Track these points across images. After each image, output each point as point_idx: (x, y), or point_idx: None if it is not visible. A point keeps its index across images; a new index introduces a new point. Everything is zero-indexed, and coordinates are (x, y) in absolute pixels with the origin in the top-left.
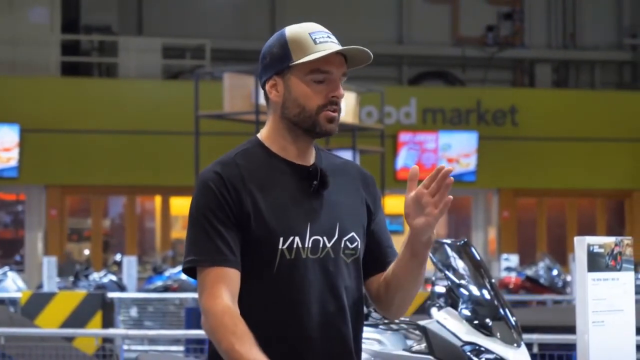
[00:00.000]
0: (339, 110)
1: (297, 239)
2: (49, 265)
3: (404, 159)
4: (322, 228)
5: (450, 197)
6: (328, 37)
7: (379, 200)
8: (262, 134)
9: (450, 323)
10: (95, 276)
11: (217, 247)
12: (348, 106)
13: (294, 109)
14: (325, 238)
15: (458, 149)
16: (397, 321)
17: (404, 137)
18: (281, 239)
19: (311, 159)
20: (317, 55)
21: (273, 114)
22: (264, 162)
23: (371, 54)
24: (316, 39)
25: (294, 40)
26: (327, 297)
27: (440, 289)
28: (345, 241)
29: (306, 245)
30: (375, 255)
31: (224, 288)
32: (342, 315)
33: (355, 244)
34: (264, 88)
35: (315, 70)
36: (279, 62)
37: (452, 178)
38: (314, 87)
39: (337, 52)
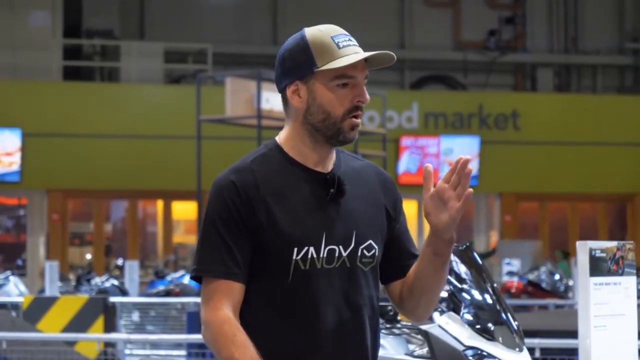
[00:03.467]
0: (361, 117)
1: (311, 249)
2: (50, 269)
3: (405, 164)
4: (338, 237)
5: (471, 190)
6: (349, 39)
7: (400, 203)
8: (280, 138)
9: (452, 327)
10: (97, 280)
11: (223, 259)
12: None
13: (319, 115)
14: (341, 247)
15: (460, 153)
16: (399, 326)
17: (405, 141)
18: (295, 250)
19: (330, 164)
20: (345, 62)
21: (294, 119)
22: (281, 169)
23: (394, 56)
24: (339, 42)
25: (316, 45)
26: (343, 308)
27: (442, 293)
28: (362, 249)
29: (321, 255)
30: (398, 260)
31: (226, 301)
32: (359, 326)
33: (373, 251)
34: (282, 92)
35: (341, 75)
36: (302, 67)
37: (471, 167)
38: (340, 93)
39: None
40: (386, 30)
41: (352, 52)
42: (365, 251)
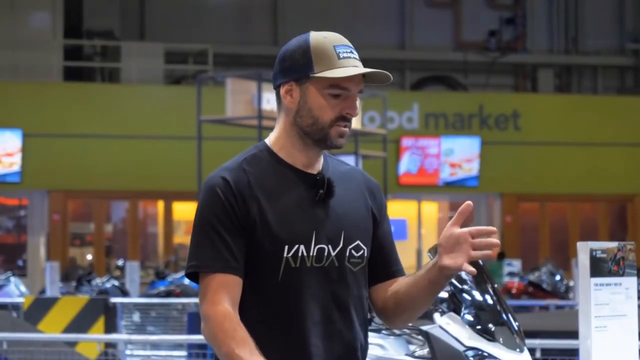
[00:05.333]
0: (349, 127)
1: (302, 247)
2: (51, 270)
3: (406, 164)
4: (327, 236)
5: (474, 270)
6: (351, 52)
7: (385, 208)
8: (270, 139)
9: (452, 328)
10: (97, 281)
11: (220, 253)
12: None
13: (307, 119)
14: (330, 247)
15: (460, 154)
16: None
17: (406, 142)
18: (286, 247)
19: (318, 166)
20: (340, 74)
21: (285, 118)
22: (271, 169)
23: (391, 77)
24: (340, 53)
25: (317, 51)
26: (331, 306)
27: (443, 294)
28: (350, 250)
29: (311, 254)
30: (379, 264)
31: (225, 295)
32: (348, 324)
33: (361, 252)
34: (277, 89)
35: (335, 85)
36: (299, 69)
37: (490, 253)
38: (330, 102)
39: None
40: (387, 30)
41: (350, 65)
42: (353, 251)
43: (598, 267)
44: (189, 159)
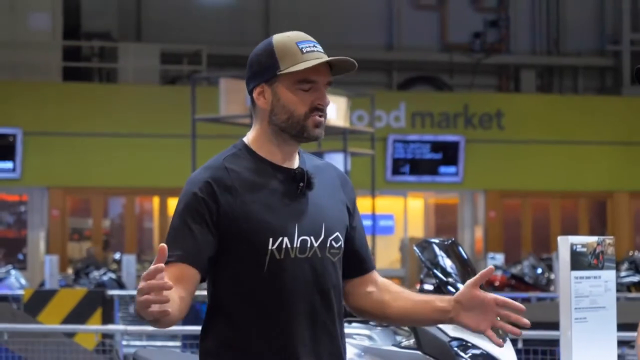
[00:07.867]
0: (324, 116)
1: (285, 239)
2: (50, 263)
3: (393, 161)
4: (309, 228)
5: (500, 342)
6: (314, 46)
7: (355, 202)
8: (248, 138)
9: None
10: (95, 274)
11: (185, 246)
12: (339, 110)
13: (282, 116)
14: (312, 238)
15: (446, 152)
16: None
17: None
18: (270, 240)
19: (296, 162)
20: (303, 66)
21: (260, 119)
22: (252, 166)
23: (355, 62)
24: (303, 48)
25: (281, 50)
26: (315, 296)
27: (428, 287)
28: (330, 241)
29: (295, 245)
30: (353, 258)
31: (176, 285)
32: (330, 313)
33: (340, 243)
34: (251, 94)
35: (302, 80)
36: (267, 70)
37: (520, 332)
38: (301, 96)
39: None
40: (375, 32)
41: (314, 57)
42: (333, 242)
43: (578, 261)
44: (184, 157)
